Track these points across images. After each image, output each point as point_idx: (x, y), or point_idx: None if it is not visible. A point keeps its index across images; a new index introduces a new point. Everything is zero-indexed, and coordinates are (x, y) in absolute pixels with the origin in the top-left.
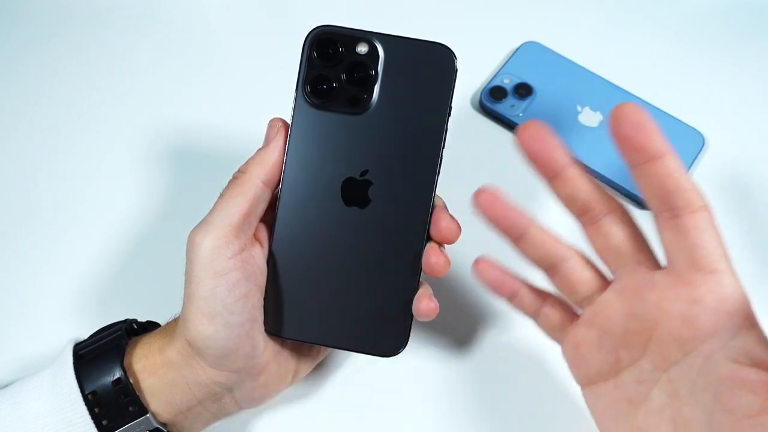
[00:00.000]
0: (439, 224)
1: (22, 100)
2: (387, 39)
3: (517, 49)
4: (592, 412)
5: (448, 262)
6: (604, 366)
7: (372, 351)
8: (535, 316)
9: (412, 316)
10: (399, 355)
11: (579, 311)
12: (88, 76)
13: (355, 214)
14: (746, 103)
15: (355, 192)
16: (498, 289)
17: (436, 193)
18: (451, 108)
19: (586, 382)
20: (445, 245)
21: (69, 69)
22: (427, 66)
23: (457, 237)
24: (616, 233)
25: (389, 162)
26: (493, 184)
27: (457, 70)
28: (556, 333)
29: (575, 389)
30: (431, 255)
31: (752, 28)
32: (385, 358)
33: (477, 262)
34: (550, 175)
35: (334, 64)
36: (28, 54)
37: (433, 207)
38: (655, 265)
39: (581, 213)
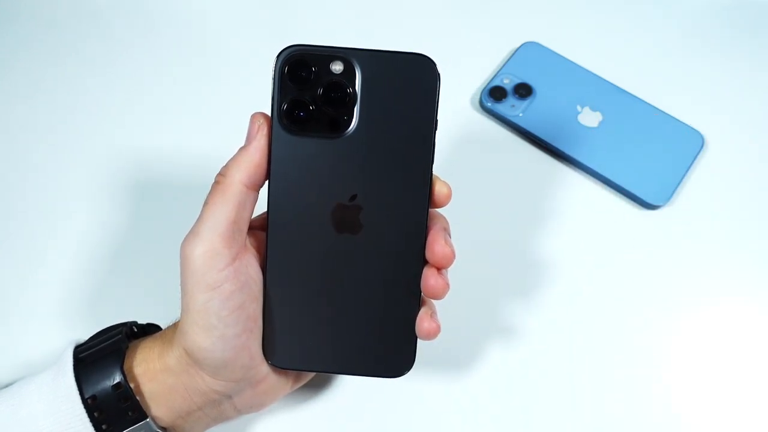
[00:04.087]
0: (433, 248)
1: (15, 99)
2: (362, 54)
3: (517, 50)
4: None
5: (446, 285)
6: None
7: (379, 374)
8: None
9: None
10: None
11: None
12: (86, 71)
13: (349, 241)
14: (746, 103)
15: (345, 218)
16: None
17: (440, 211)
18: (437, 121)
19: None
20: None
21: (66, 65)
22: (408, 79)
23: (451, 262)
24: None
25: (377, 185)
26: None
27: (439, 81)
28: None
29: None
30: (429, 278)
31: (752, 27)
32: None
33: None
34: None
35: (308, 86)
36: (25, 51)
37: (428, 229)
38: None
39: None
